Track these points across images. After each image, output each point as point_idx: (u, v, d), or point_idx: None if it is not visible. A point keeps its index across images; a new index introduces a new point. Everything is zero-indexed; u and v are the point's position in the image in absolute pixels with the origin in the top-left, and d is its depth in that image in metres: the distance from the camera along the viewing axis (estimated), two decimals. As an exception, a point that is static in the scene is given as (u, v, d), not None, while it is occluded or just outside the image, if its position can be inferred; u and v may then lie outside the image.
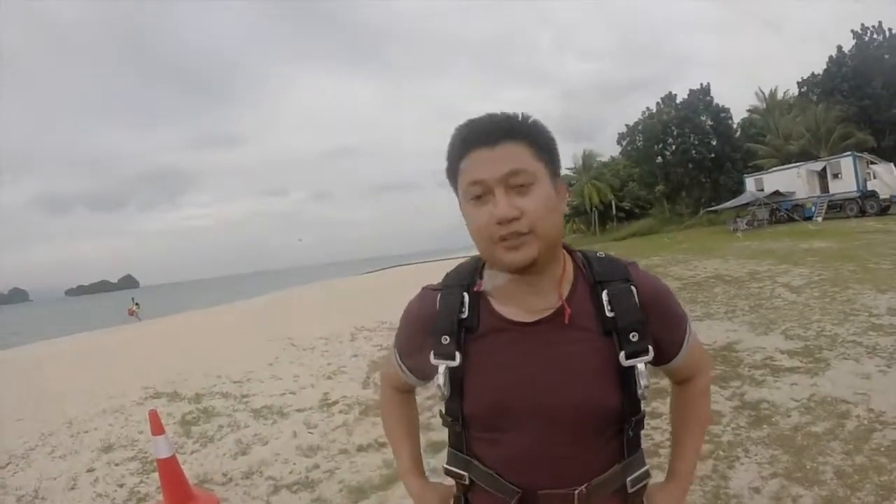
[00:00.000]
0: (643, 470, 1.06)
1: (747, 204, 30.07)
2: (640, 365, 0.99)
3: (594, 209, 49.65)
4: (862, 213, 24.93)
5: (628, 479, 1.04)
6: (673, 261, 16.73)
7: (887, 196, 24.41)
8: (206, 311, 25.23)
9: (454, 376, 1.02)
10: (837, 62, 35.15)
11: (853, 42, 34.93)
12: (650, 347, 1.00)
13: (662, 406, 4.52)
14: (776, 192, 29.14)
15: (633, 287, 1.02)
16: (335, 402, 6.07)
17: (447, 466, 1.11)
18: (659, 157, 42.18)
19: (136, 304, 28.42)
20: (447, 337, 1.02)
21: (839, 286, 8.57)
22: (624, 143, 45.80)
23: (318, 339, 10.29)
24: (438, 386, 1.03)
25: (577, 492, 0.99)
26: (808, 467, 3.24)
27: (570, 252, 1.09)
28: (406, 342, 1.15)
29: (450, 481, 1.14)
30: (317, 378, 7.27)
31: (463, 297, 1.04)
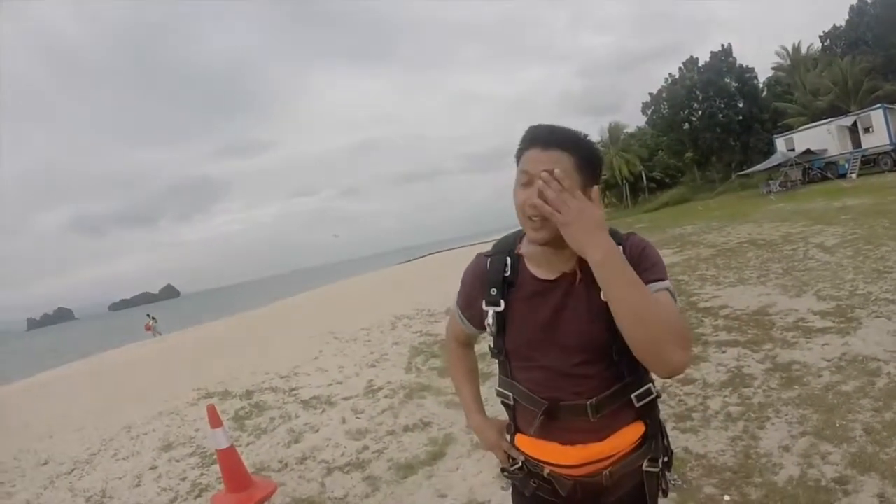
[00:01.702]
0: (646, 388, 1.35)
1: (779, 165, 29.37)
2: None
3: (624, 181, 49.08)
4: (896, 166, 24.22)
5: (633, 395, 1.34)
6: (707, 228, 16.57)
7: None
8: (247, 315, 25.64)
9: (499, 319, 1.38)
10: (859, 11, 34.10)
11: (873, -11, 33.80)
12: None
13: (695, 372, 4.66)
14: (807, 151, 28.39)
15: (621, 246, 1.29)
16: (380, 388, 6.28)
17: (498, 388, 1.48)
18: (686, 124, 41.49)
19: (153, 318, 28.01)
20: (495, 289, 1.38)
21: (873, 244, 8.46)
22: (649, 112, 45.13)
23: (360, 331, 10.53)
24: (487, 325, 1.40)
25: (588, 402, 1.31)
26: (837, 425, 3.31)
27: None
28: (465, 296, 1.51)
29: (503, 417, 1.54)
30: (361, 367, 7.49)
31: (506, 260, 1.40)
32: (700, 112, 40.30)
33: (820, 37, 38.12)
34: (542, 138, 1.26)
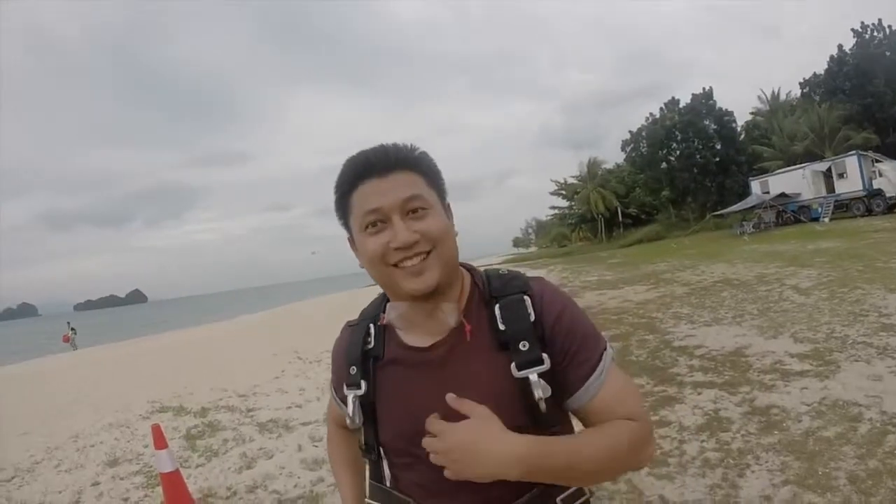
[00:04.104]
0: (574, 489, 0.98)
1: (753, 207, 29.98)
2: (534, 375, 0.92)
3: (600, 216, 49.70)
4: (869, 211, 24.83)
5: (558, 498, 0.97)
6: (680, 266, 16.68)
7: (893, 194, 24.27)
8: (212, 326, 25.20)
9: (364, 404, 1.04)
10: (839, 61, 35.13)
11: (854, 40, 34.92)
12: (544, 356, 0.94)
13: (671, 414, 4.49)
14: (782, 194, 29.01)
15: (526, 297, 0.99)
16: (341, 416, 6.02)
17: (368, 501, 1.11)
18: (664, 163, 42.17)
19: (73, 329, 26.78)
20: (354, 367, 1.05)
21: (848, 286, 8.50)
22: (628, 149, 45.76)
23: (324, 352, 10.24)
24: (348, 416, 1.05)
25: None
26: (820, 473, 3.17)
27: (471, 271, 1.08)
28: (334, 376, 1.14)
29: None
30: (322, 391, 7.22)
31: (369, 328, 1.07)
32: (678, 152, 41.01)
33: (800, 84, 39.17)
34: (378, 164, 0.96)
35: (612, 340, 7.68)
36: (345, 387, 1.06)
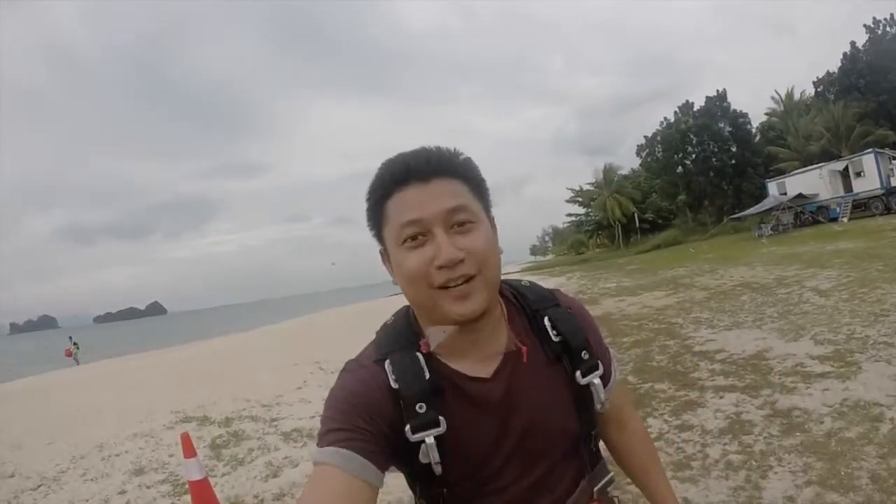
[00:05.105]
0: (608, 478, 1.06)
1: (771, 209, 29.65)
2: (596, 380, 0.97)
3: (617, 222, 49.48)
4: (888, 210, 24.44)
5: (595, 489, 1.03)
6: (699, 271, 16.58)
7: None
8: (232, 337, 25.33)
9: (440, 445, 0.88)
10: (852, 58, 34.69)
11: (866, 37, 34.49)
12: (601, 363, 1.00)
13: (693, 418, 4.50)
14: (799, 195, 28.71)
15: (568, 309, 1.02)
16: (364, 426, 6.06)
17: None
18: (679, 167, 41.88)
19: (75, 343, 26.20)
20: (423, 404, 0.87)
21: (868, 287, 8.43)
22: (643, 154, 45.53)
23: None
24: (432, 462, 0.88)
25: None
26: (842, 473, 3.18)
27: None
28: (363, 429, 0.86)
29: None
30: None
31: (417, 358, 0.90)
32: (694, 155, 40.71)
33: (813, 83, 38.72)
34: (419, 169, 0.86)
35: (633, 346, 7.70)
36: (410, 431, 0.86)
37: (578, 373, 0.96)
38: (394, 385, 0.87)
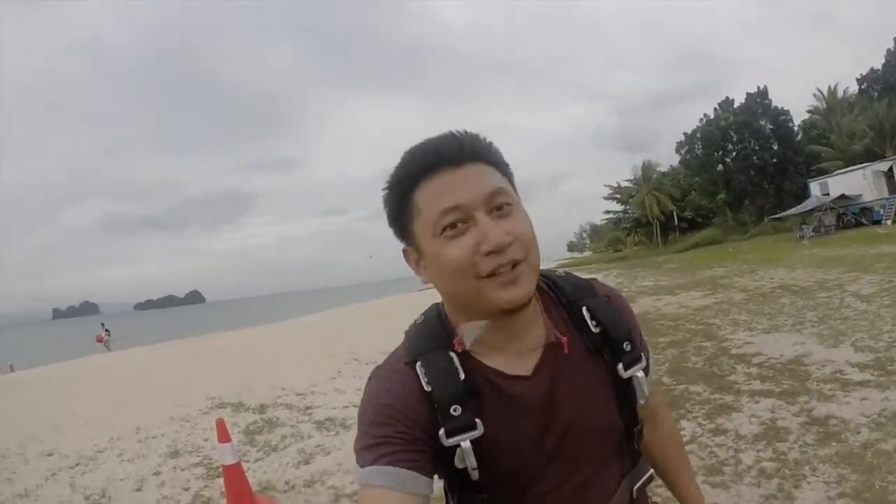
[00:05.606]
0: (647, 476, 1.02)
1: (813, 209, 28.89)
2: (640, 373, 0.92)
3: (655, 220, 48.83)
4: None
5: (634, 488, 0.99)
6: (738, 271, 16.27)
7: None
8: (269, 327, 25.68)
9: (477, 448, 0.83)
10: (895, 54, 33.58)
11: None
12: (643, 356, 0.94)
13: (728, 422, 4.45)
14: (842, 196, 27.92)
15: (607, 299, 0.97)
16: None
17: None
18: (719, 165, 41.09)
19: (107, 330, 26.60)
20: (457, 406, 0.82)
21: (913, 294, 8.18)
22: (683, 151, 44.77)
23: (381, 354, 10.38)
24: (468, 467, 0.83)
25: None
26: (877, 487, 3.10)
27: None
28: (400, 438, 0.81)
29: None
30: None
31: (451, 358, 0.85)
32: (734, 154, 39.90)
33: (857, 80, 37.61)
34: (452, 153, 0.81)
35: (669, 347, 7.61)
36: (444, 435, 0.82)
37: (620, 365, 0.91)
38: (426, 388, 0.83)
